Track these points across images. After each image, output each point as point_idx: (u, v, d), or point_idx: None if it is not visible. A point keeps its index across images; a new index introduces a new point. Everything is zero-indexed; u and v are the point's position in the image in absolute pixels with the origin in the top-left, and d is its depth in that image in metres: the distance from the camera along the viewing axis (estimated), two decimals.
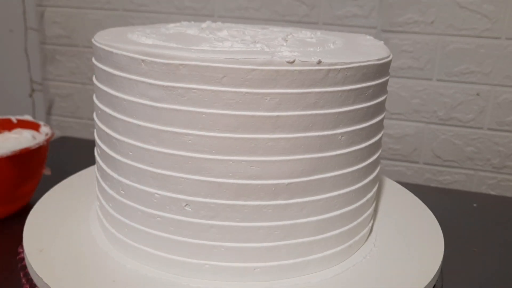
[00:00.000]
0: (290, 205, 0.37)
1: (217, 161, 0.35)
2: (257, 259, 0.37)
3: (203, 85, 0.34)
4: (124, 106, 0.37)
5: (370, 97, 0.39)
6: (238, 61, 0.33)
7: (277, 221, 0.37)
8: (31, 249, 0.41)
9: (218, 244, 0.37)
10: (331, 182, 0.38)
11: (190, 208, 0.36)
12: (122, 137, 0.38)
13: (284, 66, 0.33)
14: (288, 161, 0.36)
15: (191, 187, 0.36)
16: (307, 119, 0.35)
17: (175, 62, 0.34)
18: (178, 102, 0.35)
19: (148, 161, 0.37)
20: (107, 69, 0.38)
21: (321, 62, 0.34)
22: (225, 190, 0.36)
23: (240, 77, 0.33)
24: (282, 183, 0.36)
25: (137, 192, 0.38)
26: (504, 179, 0.77)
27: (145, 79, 0.35)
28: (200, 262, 0.37)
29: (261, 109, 0.34)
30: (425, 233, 0.47)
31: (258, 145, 0.35)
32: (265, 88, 0.34)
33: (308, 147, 0.36)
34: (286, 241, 0.38)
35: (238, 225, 0.36)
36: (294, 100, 0.34)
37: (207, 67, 0.33)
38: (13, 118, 0.62)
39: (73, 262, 0.39)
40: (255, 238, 0.37)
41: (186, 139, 0.35)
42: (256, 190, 0.36)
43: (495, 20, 0.70)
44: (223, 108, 0.34)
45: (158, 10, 0.84)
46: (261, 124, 0.34)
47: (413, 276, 0.40)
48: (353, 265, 0.41)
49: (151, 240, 0.38)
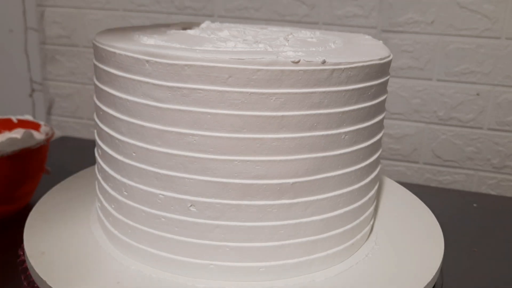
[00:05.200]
0: (294, 204, 0.37)
1: (223, 161, 0.35)
2: (262, 259, 0.37)
3: (208, 86, 0.34)
4: (128, 106, 0.37)
5: (372, 96, 0.39)
6: (243, 61, 0.33)
7: (282, 220, 0.37)
8: (33, 252, 0.40)
9: (223, 244, 0.37)
10: (335, 181, 0.39)
11: (195, 208, 0.36)
12: (125, 138, 0.38)
13: (289, 66, 0.34)
14: (293, 160, 0.36)
15: (196, 187, 0.36)
16: (311, 118, 0.36)
17: (180, 62, 0.34)
18: (183, 103, 0.35)
19: (152, 161, 0.37)
20: (109, 69, 0.38)
21: (325, 62, 0.35)
22: (230, 190, 0.36)
23: (246, 77, 0.33)
24: (287, 183, 0.36)
25: (141, 193, 0.38)
26: (504, 179, 0.77)
27: (150, 80, 0.35)
28: (205, 262, 0.37)
29: (266, 109, 0.34)
30: (425, 233, 0.47)
31: (263, 145, 0.35)
32: (270, 88, 0.34)
33: (313, 146, 0.36)
34: (291, 240, 0.38)
35: (243, 225, 0.36)
36: (299, 100, 0.35)
37: (213, 68, 0.33)
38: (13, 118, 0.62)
39: (75, 264, 0.39)
40: (260, 238, 0.37)
41: (191, 139, 0.35)
42: (261, 190, 0.36)
43: (495, 20, 0.71)
44: (228, 108, 0.34)
45: (158, 10, 0.84)
46: (266, 124, 0.35)
47: (413, 276, 0.40)
48: (356, 263, 0.41)
49: (155, 241, 0.38)
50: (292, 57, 0.34)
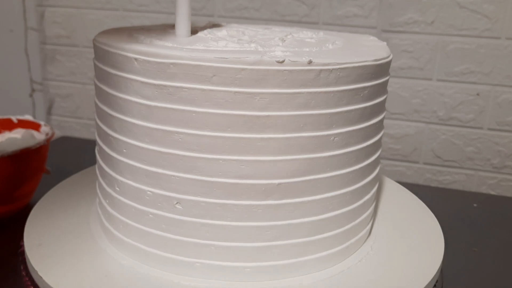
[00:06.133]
0: (281, 205, 0.37)
1: (208, 160, 0.35)
2: (248, 259, 0.37)
3: (193, 84, 0.34)
4: (120, 104, 0.38)
5: (366, 98, 0.39)
6: (227, 60, 0.33)
7: (269, 221, 0.37)
8: (30, 244, 0.42)
9: (209, 242, 0.37)
10: (325, 183, 0.38)
11: (181, 206, 0.37)
12: (118, 135, 0.39)
13: (274, 65, 0.33)
14: (279, 161, 0.36)
15: (183, 185, 0.36)
16: (298, 119, 0.35)
17: (167, 61, 0.34)
18: (169, 101, 0.35)
19: (142, 159, 0.37)
20: (105, 68, 0.39)
21: (311, 62, 0.34)
22: (216, 189, 0.36)
23: (230, 76, 0.33)
24: (273, 183, 0.36)
25: (131, 189, 0.39)
26: (504, 179, 0.76)
27: (138, 78, 0.36)
28: (191, 260, 0.37)
29: (251, 108, 0.34)
30: (425, 233, 0.47)
31: (249, 144, 0.35)
32: (255, 88, 0.34)
33: (300, 147, 0.36)
34: (278, 242, 0.38)
35: (229, 224, 0.36)
36: (284, 100, 0.34)
37: (198, 66, 0.33)
38: (14, 118, 0.62)
39: (69, 256, 0.40)
40: (246, 238, 0.37)
41: (178, 137, 0.35)
42: (247, 190, 0.36)
43: (495, 20, 0.70)
44: (214, 107, 0.34)
45: (158, 10, 0.84)
46: (251, 124, 0.34)
47: (413, 276, 0.39)
48: (347, 267, 0.40)
49: (144, 237, 0.39)
50: (277, 56, 0.34)
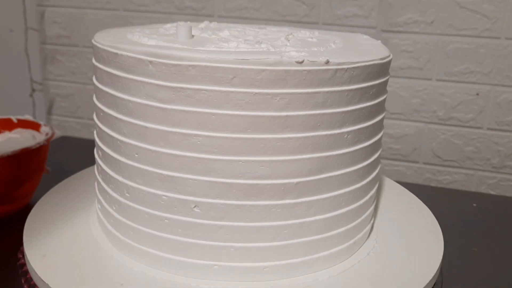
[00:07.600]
0: (298, 204, 0.37)
1: (227, 161, 0.35)
2: (266, 259, 0.38)
3: (212, 86, 0.34)
4: (130, 107, 0.37)
5: (373, 96, 0.40)
6: (248, 62, 0.33)
7: (286, 220, 0.37)
8: (33, 255, 0.40)
9: (227, 244, 0.37)
10: (338, 180, 0.39)
11: (199, 209, 0.36)
12: (128, 139, 0.38)
13: (293, 66, 0.34)
14: (296, 160, 0.36)
15: (200, 188, 0.36)
16: (315, 118, 0.36)
17: (184, 63, 0.34)
18: (187, 103, 0.34)
19: (155, 163, 0.37)
20: (110, 70, 0.38)
21: (329, 62, 0.35)
22: (235, 191, 0.36)
23: (250, 78, 0.33)
24: (291, 183, 0.36)
25: (144, 194, 0.38)
26: (504, 179, 0.77)
27: (153, 81, 0.35)
28: (209, 263, 0.37)
29: (270, 109, 0.34)
30: (425, 233, 0.47)
31: (268, 145, 0.35)
32: (275, 88, 0.34)
33: (316, 146, 0.36)
34: (294, 240, 0.38)
35: (247, 225, 0.36)
36: (303, 100, 0.35)
37: (217, 68, 0.33)
38: (14, 118, 0.62)
39: (77, 266, 0.39)
40: (264, 238, 0.37)
41: (195, 140, 0.35)
42: (265, 190, 0.36)
43: (495, 20, 0.71)
44: (233, 108, 0.34)
45: (158, 10, 0.84)
46: (270, 124, 0.35)
47: (413, 276, 0.40)
48: (358, 261, 0.42)
49: (159, 242, 0.38)
50: (296, 57, 0.34)
